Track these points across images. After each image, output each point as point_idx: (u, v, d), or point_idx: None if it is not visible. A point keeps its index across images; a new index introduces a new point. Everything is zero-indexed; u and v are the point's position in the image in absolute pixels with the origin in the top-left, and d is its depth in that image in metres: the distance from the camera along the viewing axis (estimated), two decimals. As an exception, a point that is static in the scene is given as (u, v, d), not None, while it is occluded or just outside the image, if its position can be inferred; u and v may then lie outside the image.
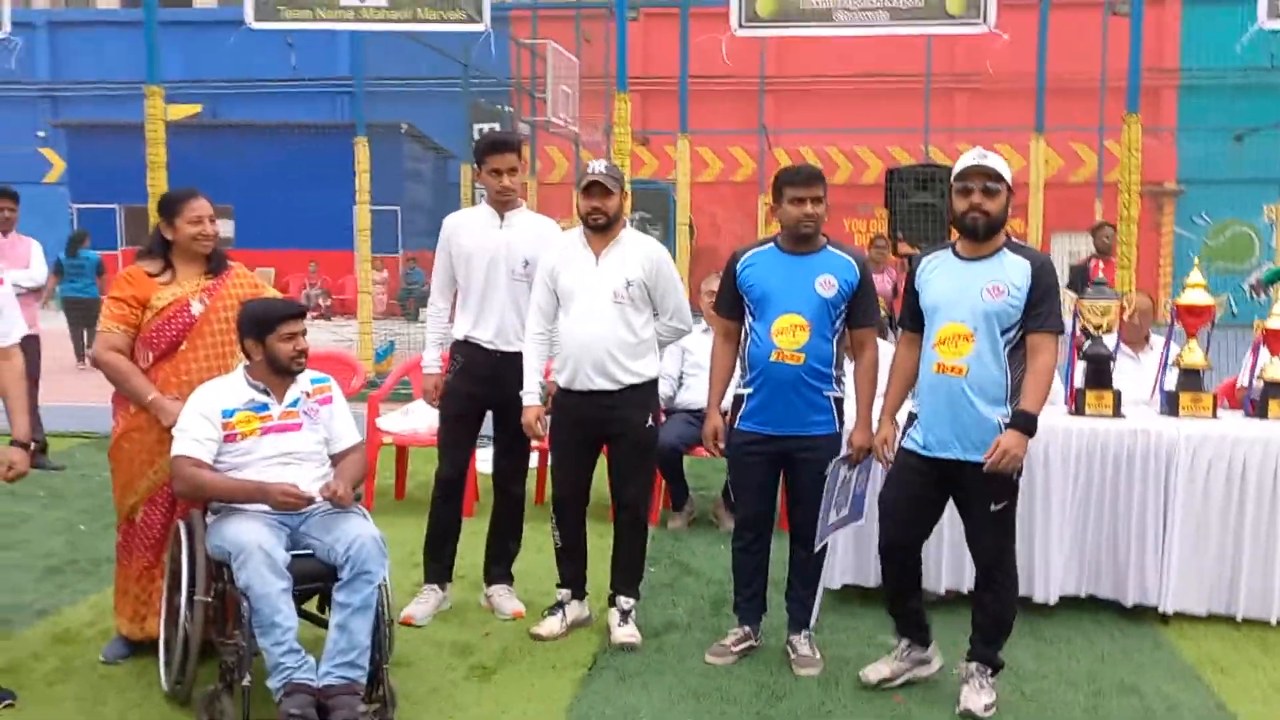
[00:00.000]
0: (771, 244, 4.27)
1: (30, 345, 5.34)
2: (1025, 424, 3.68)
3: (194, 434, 3.80)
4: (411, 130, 22.53)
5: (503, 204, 4.72)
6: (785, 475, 4.34)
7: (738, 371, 4.33)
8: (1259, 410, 4.97)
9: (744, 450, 4.27)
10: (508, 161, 4.65)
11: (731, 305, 4.30)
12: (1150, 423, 4.79)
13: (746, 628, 4.41)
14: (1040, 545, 4.76)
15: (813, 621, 4.42)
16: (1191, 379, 4.96)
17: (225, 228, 24.69)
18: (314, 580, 3.76)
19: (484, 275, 4.69)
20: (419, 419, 6.61)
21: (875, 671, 4.06)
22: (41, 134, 27.68)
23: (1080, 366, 4.97)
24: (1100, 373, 4.92)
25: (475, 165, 4.72)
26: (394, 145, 21.14)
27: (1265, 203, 21.01)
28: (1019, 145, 15.72)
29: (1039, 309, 3.73)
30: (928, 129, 20.67)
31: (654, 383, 4.56)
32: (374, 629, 3.68)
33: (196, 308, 4.14)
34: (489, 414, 4.86)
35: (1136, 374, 5.67)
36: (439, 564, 4.93)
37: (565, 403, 4.50)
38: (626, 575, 4.62)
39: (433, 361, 4.89)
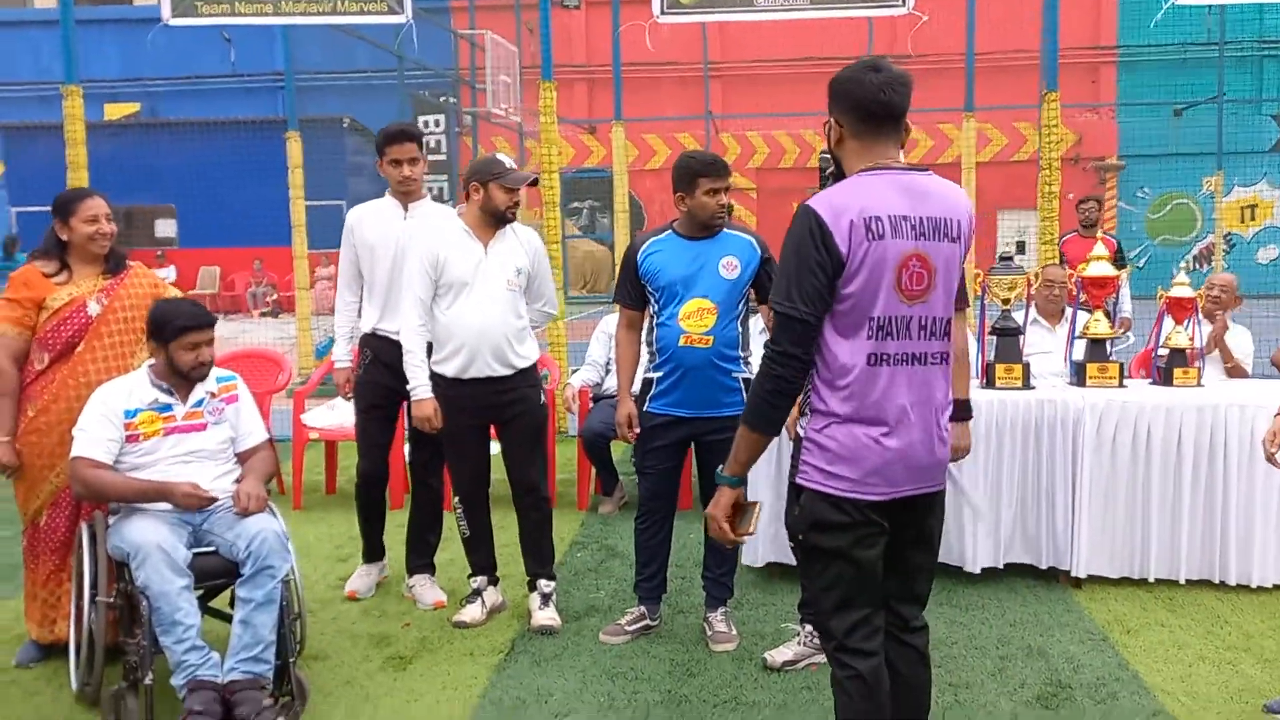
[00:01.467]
0: (669, 231, 4.30)
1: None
2: (964, 413, 3.37)
3: (93, 435, 3.76)
4: (354, 124, 22.36)
5: (406, 194, 4.74)
6: (696, 456, 4.39)
7: (644, 356, 4.37)
8: (1164, 378, 5.07)
9: (652, 432, 4.30)
10: (407, 151, 4.67)
11: (633, 294, 4.34)
12: (1058, 393, 4.87)
13: (643, 608, 4.45)
14: (961, 516, 4.82)
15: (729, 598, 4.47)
16: (1097, 349, 5.04)
17: (168, 227, 24.46)
18: (217, 577, 3.75)
19: (389, 267, 4.70)
20: (345, 413, 6.56)
21: (779, 654, 4.10)
22: (-22, 136, 27.21)
23: (990, 340, 5.05)
24: (1009, 346, 4.99)
25: (378, 156, 4.71)
26: (335, 139, 20.99)
27: (1204, 175, 21.27)
28: (960, 125, 15.84)
29: None
30: (870, 110, 20.70)
31: (537, 364, 4.62)
32: (279, 623, 3.67)
33: (93, 308, 4.10)
34: (402, 406, 4.85)
35: (1054, 346, 5.78)
36: (370, 544, 5.01)
37: (457, 393, 4.46)
38: (539, 555, 4.63)
39: (343, 356, 4.93)
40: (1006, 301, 4.98)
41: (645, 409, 4.31)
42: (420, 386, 4.47)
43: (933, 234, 2.61)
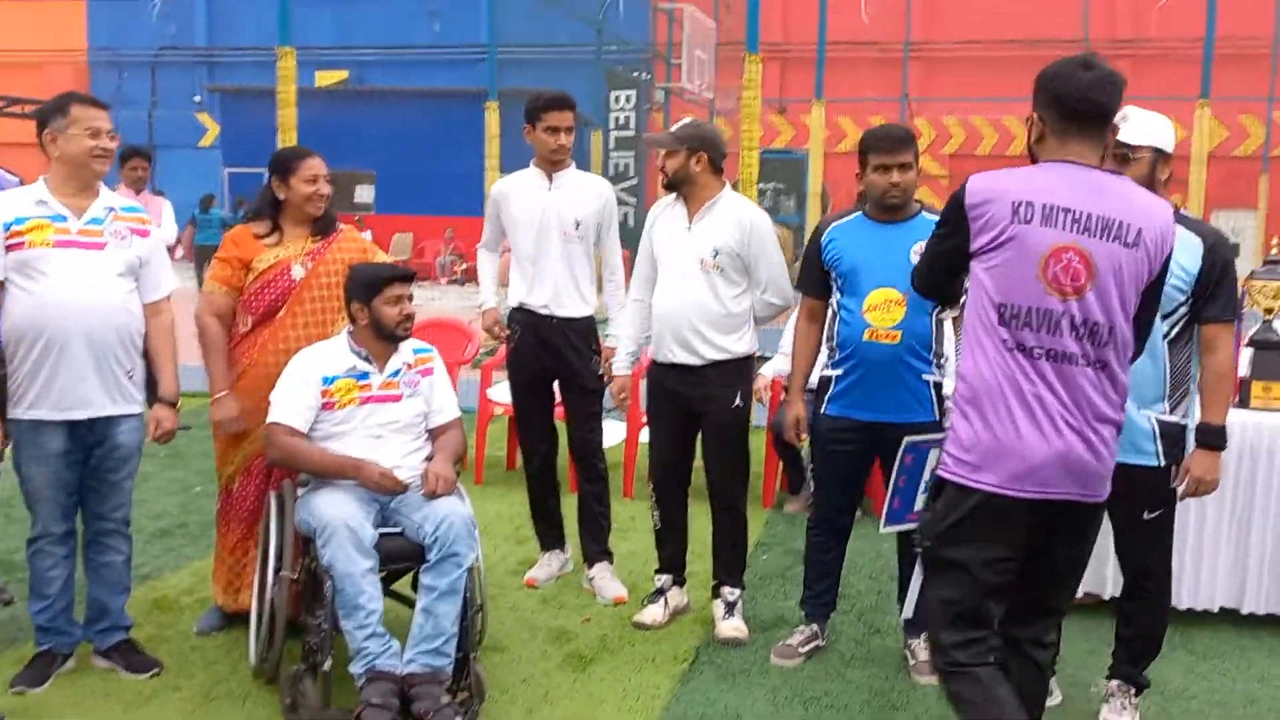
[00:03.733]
0: (859, 213, 3.91)
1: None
2: (1214, 440, 3.30)
3: (292, 401, 3.68)
4: (550, 99, 22.49)
5: (554, 164, 4.55)
6: (882, 468, 3.97)
7: (823, 353, 4.01)
8: None
9: (831, 437, 3.93)
10: (566, 119, 4.49)
11: (816, 281, 3.96)
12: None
13: (814, 626, 4.12)
14: (1193, 550, 4.31)
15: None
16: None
17: (366, 193, 25.20)
18: (403, 560, 3.62)
19: (534, 240, 4.55)
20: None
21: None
22: (197, 99, 28.66)
23: (1247, 353, 4.47)
24: (1271, 362, 4.41)
25: (527, 121, 4.51)
26: (528, 111, 21.11)
27: None
28: (1182, 115, 14.74)
29: (1215, 294, 3.29)
30: (1084, 96, 19.55)
31: (746, 360, 4.26)
32: (462, 615, 3.51)
33: (298, 271, 4.01)
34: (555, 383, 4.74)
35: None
36: (547, 529, 4.87)
37: (656, 374, 4.31)
38: (727, 565, 4.35)
39: (490, 296, 4.89)
40: (1270, 311, 4.40)
41: (823, 411, 3.93)
42: (617, 362, 4.46)
43: (1100, 233, 2.52)
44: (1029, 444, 2.55)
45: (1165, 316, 3.31)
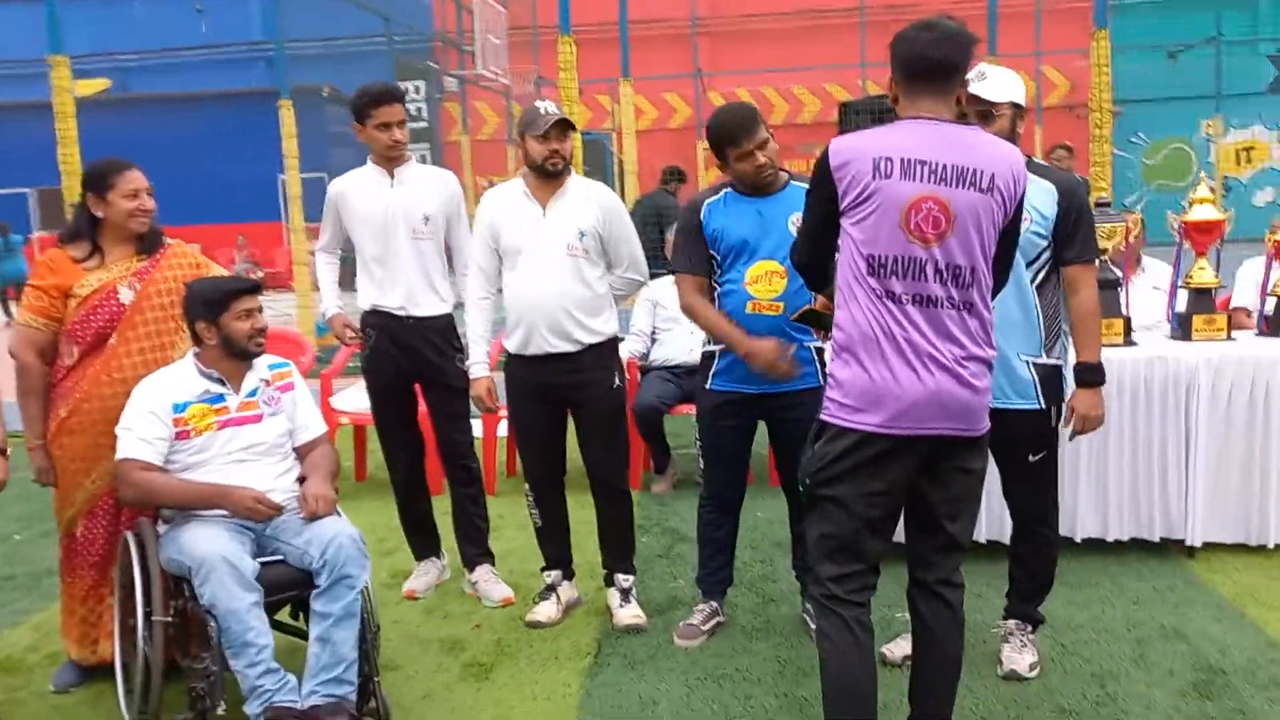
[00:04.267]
0: (727, 189, 3.83)
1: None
2: (1093, 377, 3.44)
3: (140, 433, 3.36)
4: (334, 93, 21.72)
5: (392, 160, 4.34)
6: (770, 437, 4.00)
7: (698, 336, 3.96)
8: (1273, 328, 4.72)
9: (717, 413, 3.88)
10: (397, 113, 4.26)
11: (700, 259, 3.84)
12: (1165, 349, 4.51)
13: (713, 603, 4.08)
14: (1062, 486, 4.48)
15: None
16: (1203, 300, 4.69)
17: (149, 205, 23.77)
18: (288, 589, 3.36)
19: (382, 239, 4.33)
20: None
21: (897, 649, 3.72)
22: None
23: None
24: (1108, 300, 4.62)
25: (356, 121, 4.30)
26: (316, 110, 20.31)
27: (1201, 118, 21.00)
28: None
29: (1073, 236, 3.40)
30: (864, 64, 20.32)
31: (615, 340, 4.20)
32: (361, 638, 3.29)
33: (126, 294, 3.65)
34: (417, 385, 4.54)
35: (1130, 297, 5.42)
36: (420, 537, 4.66)
37: (520, 371, 4.12)
38: (619, 550, 4.28)
39: (334, 302, 4.65)
40: (1104, 251, 4.60)
41: (707, 387, 3.89)
42: (476, 363, 4.14)
43: (956, 181, 2.62)
44: (904, 385, 2.64)
45: (1030, 264, 3.41)
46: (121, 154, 4.24)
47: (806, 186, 3.77)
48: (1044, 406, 3.45)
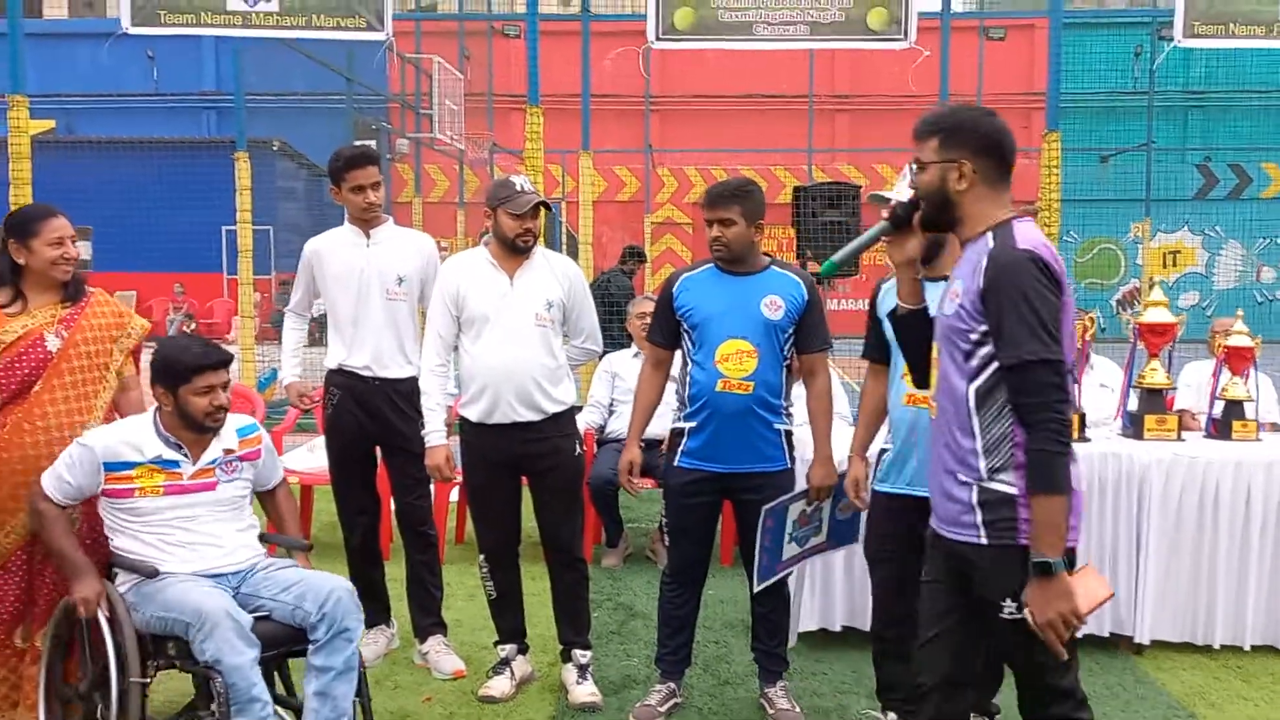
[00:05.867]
0: (711, 264, 3.92)
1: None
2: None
3: (65, 474, 3.33)
4: (284, 147, 21.67)
5: (367, 221, 4.35)
6: (735, 516, 4.03)
7: (673, 404, 3.99)
8: (1221, 431, 4.85)
9: (685, 490, 3.89)
10: (371, 175, 4.28)
11: (667, 332, 3.95)
12: (1119, 446, 4.61)
13: (671, 684, 4.03)
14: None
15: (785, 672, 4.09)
16: (1155, 400, 4.81)
17: (83, 249, 23.32)
18: (280, 644, 3.32)
19: (355, 299, 4.33)
20: (325, 455, 6.08)
21: None
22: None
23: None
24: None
25: (332, 184, 4.34)
26: (266, 163, 20.23)
27: (1131, 220, 21.69)
28: (898, 166, 15.84)
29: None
30: (811, 149, 20.77)
31: (574, 409, 4.22)
32: (359, 691, 3.32)
33: (53, 342, 3.56)
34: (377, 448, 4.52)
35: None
36: (372, 604, 4.52)
37: (480, 440, 4.08)
38: (574, 623, 4.23)
39: (292, 370, 4.63)
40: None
41: (675, 464, 3.90)
42: (434, 432, 4.09)
43: None
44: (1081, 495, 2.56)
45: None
46: (62, 196, 4.18)
47: (784, 270, 3.89)
48: None
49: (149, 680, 3.18)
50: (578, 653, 4.16)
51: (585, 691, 4.07)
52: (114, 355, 3.66)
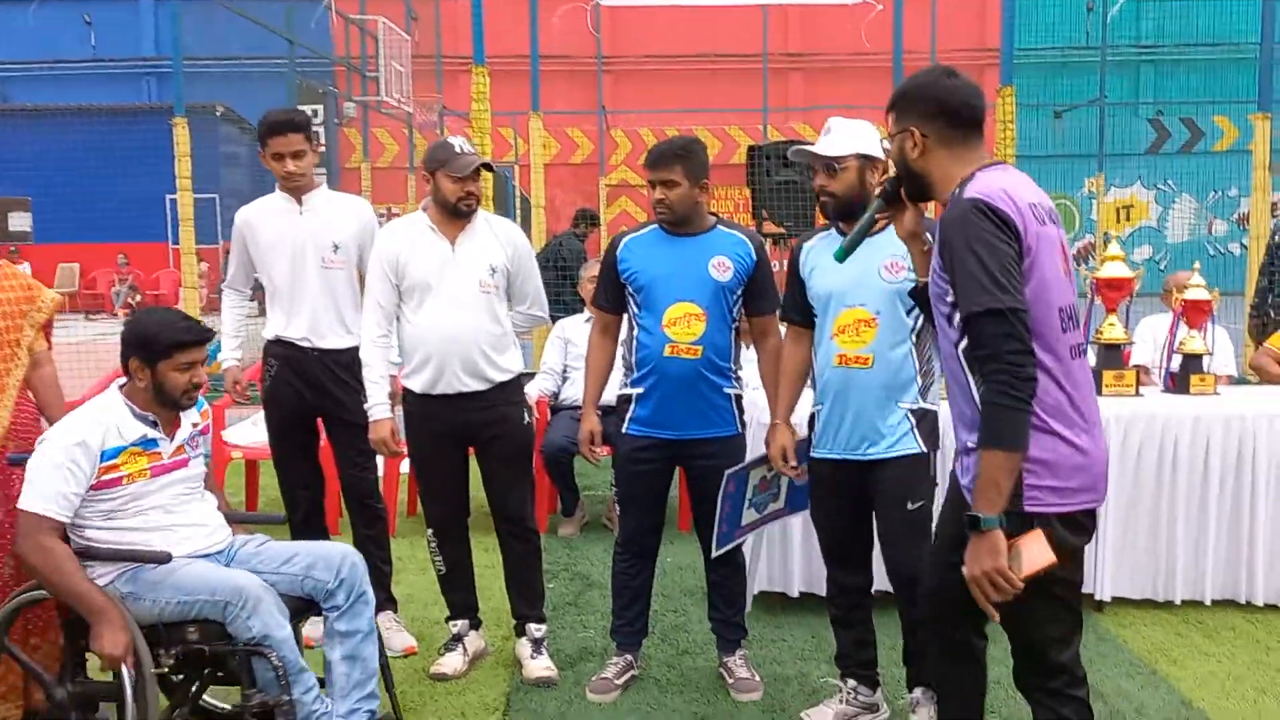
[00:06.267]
0: (654, 226, 3.79)
1: None
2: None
3: (56, 485, 3.00)
4: (228, 113, 21.18)
5: (295, 189, 4.19)
6: (687, 482, 3.94)
7: (619, 369, 3.87)
8: (1179, 385, 4.80)
9: (634, 457, 3.79)
10: (291, 144, 4.10)
11: (613, 296, 3.83)
12: (1078, 403, 4.54)
13: (628, 655, 3.94)
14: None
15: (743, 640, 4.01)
16: (1112, 355, 4.75)
17: (22, 220, 22.82)
18: (296, 615, 3.25)
19: (289, 267, 4.18)
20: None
21: (819, 715, 3.62)
22: None
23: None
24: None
25: (261, 148, 4.17)
26: (209, 129, 19.77)
27: (1085, 176, 21.75)
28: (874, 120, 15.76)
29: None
30: (766, 108, 20.59)
31: (521, 377, 4.10)
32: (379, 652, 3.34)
33: None
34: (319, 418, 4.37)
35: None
36: None
37: (425, 411, 3.94)
38: (528, 595, 4.11)
39: (232, 354, 4.47)
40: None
41: (624, 430, 3.79)
42: (377, 405, 3.94)
43: (1056, 222, 2.47)
44: (1097, 452, 2.46)
45: (909, 312, 3.32)
46: None
47: (731, 229, 3.77)
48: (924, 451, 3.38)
49: (165, 670, 3.06)
50: (532, 626, 4.05)
51: (540, 666, 3.97)
52: (25, 330, 3.46)
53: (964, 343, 2.42)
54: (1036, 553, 2.32)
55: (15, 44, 22.53)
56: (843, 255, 2.84)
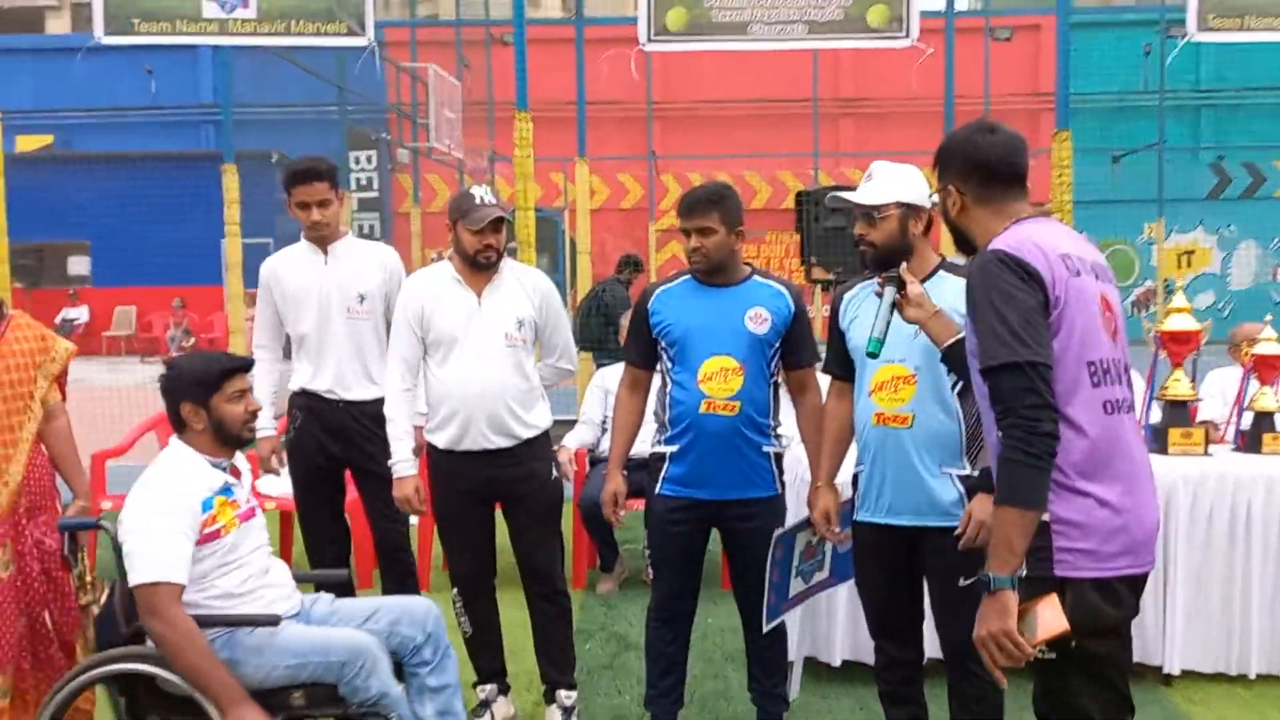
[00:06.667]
0: (688, 276, 3.62)
1: None
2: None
3: (177, 549, 2.88)
4: (283, 159, 21.44)
5: (321, 239, 4.11)
6: (725, 547, 3.74)
7: (652, 427, 3.69)
8: (1249, 444, 4.54)
9: (669, 519, 3.59)
10: (315, 193, 4.02)
11: (644, 351, 3.65)
12: (1142, 462, 4.30)
13: None
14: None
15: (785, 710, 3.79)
16: (1179, 413, 4.50)
17: (81, 264, 23.24)
18: None
19: (315, 318, 4.11)
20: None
21: None
22: None
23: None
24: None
25: (286, 196, 4.10)
26: (265, 175, 20.01)
27: (1144, 221, 21.35)
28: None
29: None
30: (817, 153, 20.47)
31: (549, 432, 3.94)
32: None
33: None
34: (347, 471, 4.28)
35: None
36: None
37: (450, 467, 3.80)
38: (558, 661, 3.95)
39: (266, 424, 4.18)
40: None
41: (658, 492, 3.60)
42: (401, 462, 3.81)
43: (1102, 275, 2.41)
44: (1146, 512, 2.35)
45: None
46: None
47: (767, 280, 3.60)
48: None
49: None
50: (562, 694, 3.88)
51: (570, 736, 3.78)
52: (38, 382, 3.39)
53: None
54: (1050, 618, 2.18)
55: (77, 93, 23.00)
56: (877, 349, 2.87)
